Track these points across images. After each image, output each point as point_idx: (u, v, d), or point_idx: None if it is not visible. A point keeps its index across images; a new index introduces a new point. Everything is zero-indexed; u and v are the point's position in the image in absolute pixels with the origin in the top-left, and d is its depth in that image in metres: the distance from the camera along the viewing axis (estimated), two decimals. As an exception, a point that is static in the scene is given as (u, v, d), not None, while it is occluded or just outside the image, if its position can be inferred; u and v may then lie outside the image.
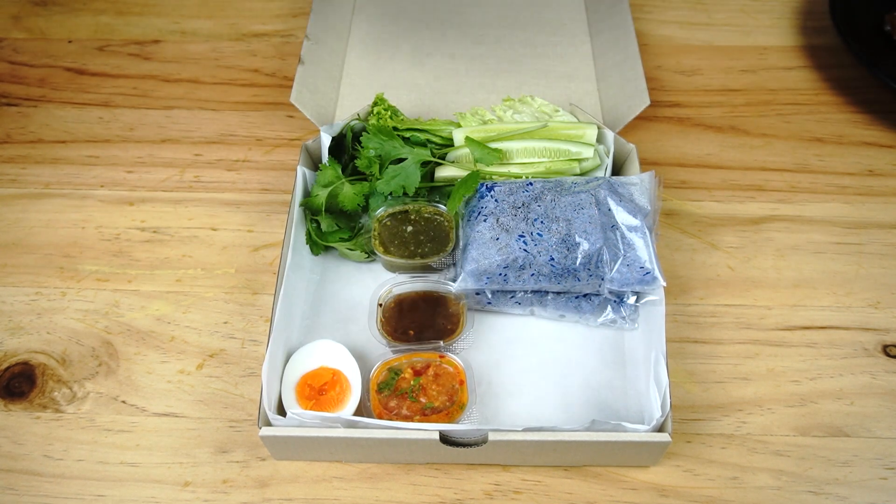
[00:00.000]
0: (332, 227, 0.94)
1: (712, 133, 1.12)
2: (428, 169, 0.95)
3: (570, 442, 0.74)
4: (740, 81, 1.18)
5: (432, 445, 0.76)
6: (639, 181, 0.91)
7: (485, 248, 0.86)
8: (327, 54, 1.14)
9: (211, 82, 1.19)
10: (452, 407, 0.80)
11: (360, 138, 0.95)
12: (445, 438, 0.75)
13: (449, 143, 0.97)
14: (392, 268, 0.94)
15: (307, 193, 0.95)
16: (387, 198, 0.94)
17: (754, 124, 1.13)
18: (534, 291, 0.88)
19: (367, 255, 0.94)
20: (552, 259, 0.85)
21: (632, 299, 0.87)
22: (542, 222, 0.87)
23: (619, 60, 1.11)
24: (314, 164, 1.01)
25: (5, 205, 1.04)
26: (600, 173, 0.97)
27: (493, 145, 0.94)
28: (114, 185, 1.06)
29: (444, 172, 0.96)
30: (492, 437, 0.74)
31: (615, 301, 0.88)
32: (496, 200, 0.89)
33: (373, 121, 0.97)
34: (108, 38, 1.26)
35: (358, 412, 0.81)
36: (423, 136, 0.97)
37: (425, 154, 0.94)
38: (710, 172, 1.07)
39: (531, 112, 1.01)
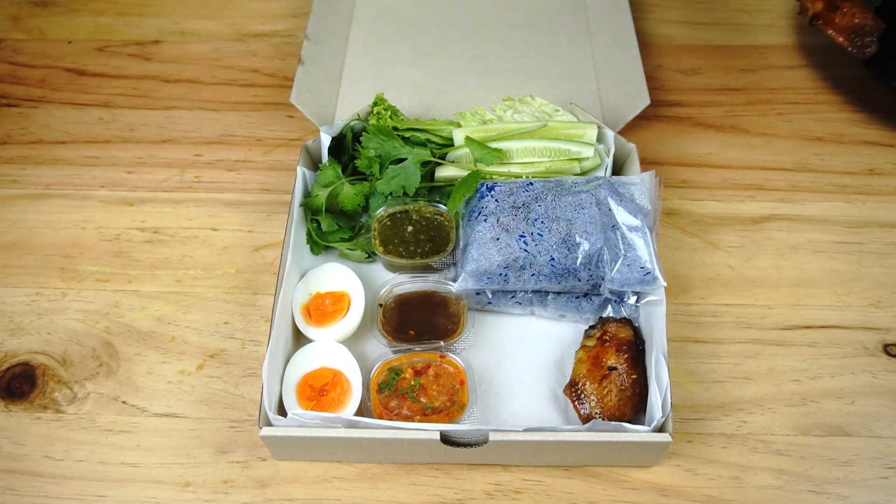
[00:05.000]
0: (333, 227, 0.94)
1: (712, 132, 1.12)
2: (428, 169, 0.95)
3: (570, 442, 0.74)
4: (740, 81, 1.18)
5: (433, 445, 0.76)
6: (639, 181, 0.91)
7: (485, 248, 0.86)
8: (327, 54, 1.14)
9: (211, 83, 1.19)
10: (453, 407, 0.81)
11: (360, 138, 0.95)
12: (446, 438, 0.75)
13: (449, 143, 0.97)
14: (392, 268, 0.94)
15: (307, 193, 0.95)
16: (387, 198, 0.94)
17: (754, 123, 1.13)
18: (534, 291, 0.88)
19: (367, 255, 0.94)
20: (552, 259, 0.85)
21: (632, 299, 0.87)
22: (542, 222, 0.87)
23: (619, 60, 1.11)
24: (314, 164, 1.01)
25: (6, 205, 1.04)
26: (600, 173, 0.97)
27: (493, 145, 0.94)
28: (114, 186, 1.06)
29: (444, 172, 0.96)
30: (492, 437, 0.74)
31: (616, 301, 0.88)
32: (496, 200, 0.89)
33: (373, 121, 0.97)
34: (108, 38, 1.26)
35: (359, 412, 0.81)
36: (423, 136, 0.97)
37: (425, 154, 0.94)
38: (710, 172, 1.07)
39: (531, 112, 1.01)
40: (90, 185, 1.06)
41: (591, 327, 0.86)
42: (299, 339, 0.88)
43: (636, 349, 0.81)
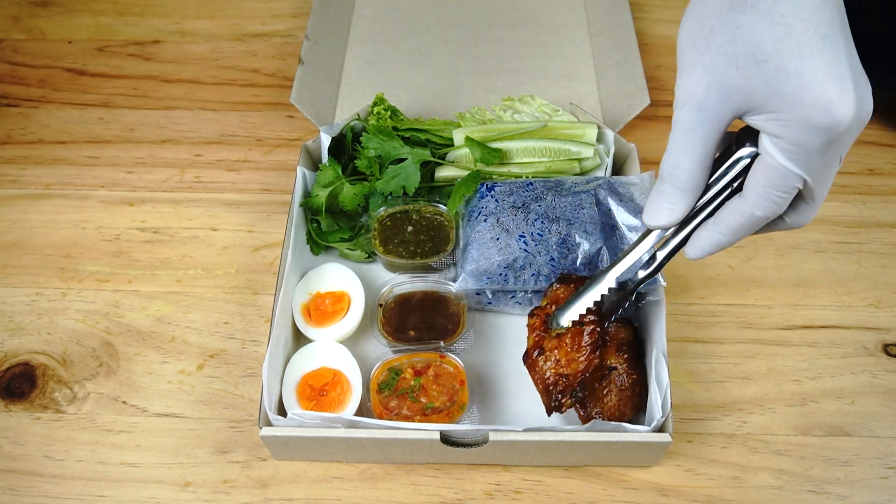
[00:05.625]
0: (333, 227, 0.94)
1: (712, 132, 1.12)
2: (428, 169, 0.95)
3: (570, 442, 0.74)
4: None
5: (433, 445, 0.76)
6: (639, 181, 0.91)
7: (485, 248, 0.86)
8: (327, 54, 1.14)
9: (211, 83, 1.19)
10: (453, 407, 0.81)
11: (360, 138, 0.95)
12: (446, 438, 0.75)
13: (449, 143, 0.97)
14: (392, 268, 0.94)
15: (307, 193, 0.95)
16: (387, 198, 0.94)
17: (754, 124, 1.13)
18: (534, 291, 0.88)
19: (367, 255, 0.94)
20: (552, 259, 0.85)
21: (632, 299, 0.87)
22: (542, 222, 0.87)
23: (619, 60, 1.11)
24: (314, 164, 1.01)
25: (6, 205, 1.04)
26: (600, 173, 0.97)
27: (493, 145, 0.94)
28: (114, 186, 1.06)
29: (444, 172, 0.96)
30: (492, 437, 0.74)
31: (615, 301, 0.88)
32: (496, 200, 0.89)
33: (373, 121, 0.97)
34: (108, 38, 1.26)
35: (358, 412, 0.82)
36: (423, 136, 0.97)
37: (425, 154, 0.94)
38: (710, 172, 1.07)
39: (531, 112, 1.01)
40: (90, 185, 1.06)
41: None
42: (299, 339, 0.88)
43: (636, 349, 0.81)
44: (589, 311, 0.75)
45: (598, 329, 0.75)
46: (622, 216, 0.87)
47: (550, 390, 0.75)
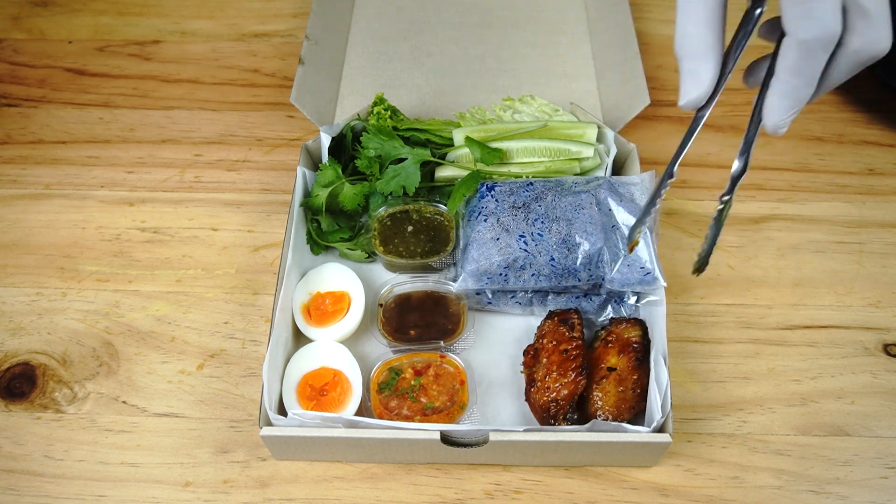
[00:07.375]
0: (333, 227, 0.94)
1: (712, 132, 1.12)
2: (428, 169, 0.95)
3: (570, 442, 0.74)
4: (740, 80, 1.18)
5: (433, 445, 0.76)
6: (639, 181, 0.91)
7: (485, 248, 0.86)
8: (327, 54, 1.14)
9: (211, 83, 1.19)
10: (453, 407, 0.81)
11: (360, 138, 0.95)
12: (446, 438, 0.75)
13: (449, 143, 0.97)
14: (392, 268, 0.94)
15: (307, 193, 0.95)
16: (387, 198, 0.94)
17: (754, 124, 1.13)
18: (534, 291, 0.88)
19: (367, 255, 0.94)
20: (552, 259, 0.85)
21: (632, 299, 0.87)
22: (542, 222, 0.87)
23: (619, 60, 1.11)
24: (314, 164, 1.01)
25: (6, 205, 1.04)
26: (600, 173, 0.97)
27: (493, 145, 0.94)
28: (114, 186, 1.06)
29: (444, 172, 0.96)
30: (492, 437, 0.74)
31: (615, 301, 0.88)
32: (496, 200, 0.89)
33: (373, 121, 0.97)
34: (108, 38, 1.26)
35: (359, 412, 0.82)
36: (423, 136, 0.97)
37: (425, 154, 0.94)
38: (710, 172, 1.07)
39: (531, 112, 1.01)
40: (90, 185, 1.06)
41: (602, 328, 0.86)
42: (299, 339, 0.88)
43: (642, 350, 0.81)
44: (573, 338, 0.80)
45: (582, 354, 0.79)
46: (622, 216, 0.87)
47: (544, 416, 0.78)
